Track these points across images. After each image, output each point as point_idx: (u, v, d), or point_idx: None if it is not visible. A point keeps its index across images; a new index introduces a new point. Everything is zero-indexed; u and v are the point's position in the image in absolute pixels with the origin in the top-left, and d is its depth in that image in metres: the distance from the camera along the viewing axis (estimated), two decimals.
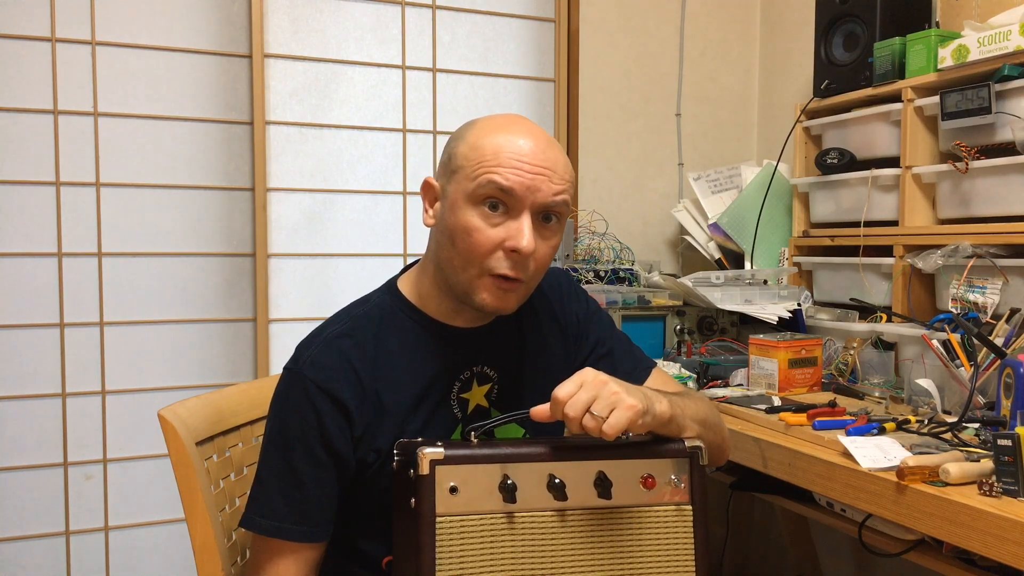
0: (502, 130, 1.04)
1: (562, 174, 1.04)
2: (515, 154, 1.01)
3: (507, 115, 1.09)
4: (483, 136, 1.04)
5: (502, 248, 1.02)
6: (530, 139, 1.03)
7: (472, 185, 1.01)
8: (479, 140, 1.03)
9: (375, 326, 1.09)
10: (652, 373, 1.22)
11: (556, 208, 1.04)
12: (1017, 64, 1.58)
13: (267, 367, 2.16)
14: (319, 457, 1.02)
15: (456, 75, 2.34)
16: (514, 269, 1.03)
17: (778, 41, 2.58)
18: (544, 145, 1.04)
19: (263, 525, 1.03)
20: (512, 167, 1.01)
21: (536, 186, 1.01)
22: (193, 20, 2.09)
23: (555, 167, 1.04)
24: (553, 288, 1.22)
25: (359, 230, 2.24)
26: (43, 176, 1.99)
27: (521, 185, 1.00)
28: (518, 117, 1.09)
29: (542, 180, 1.02)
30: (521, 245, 1.00)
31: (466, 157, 1.03)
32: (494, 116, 1.09)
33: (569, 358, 1.20)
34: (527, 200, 1.01)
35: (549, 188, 1.02)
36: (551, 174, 1.03)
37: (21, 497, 2.00)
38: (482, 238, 1.01)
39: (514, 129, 1.04)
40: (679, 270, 2.56)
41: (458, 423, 1.11)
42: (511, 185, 1.00)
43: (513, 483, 0.92)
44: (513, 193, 1.00)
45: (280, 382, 1.06)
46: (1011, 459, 1.04)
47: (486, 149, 1.02)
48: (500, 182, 1.00)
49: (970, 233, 1.64)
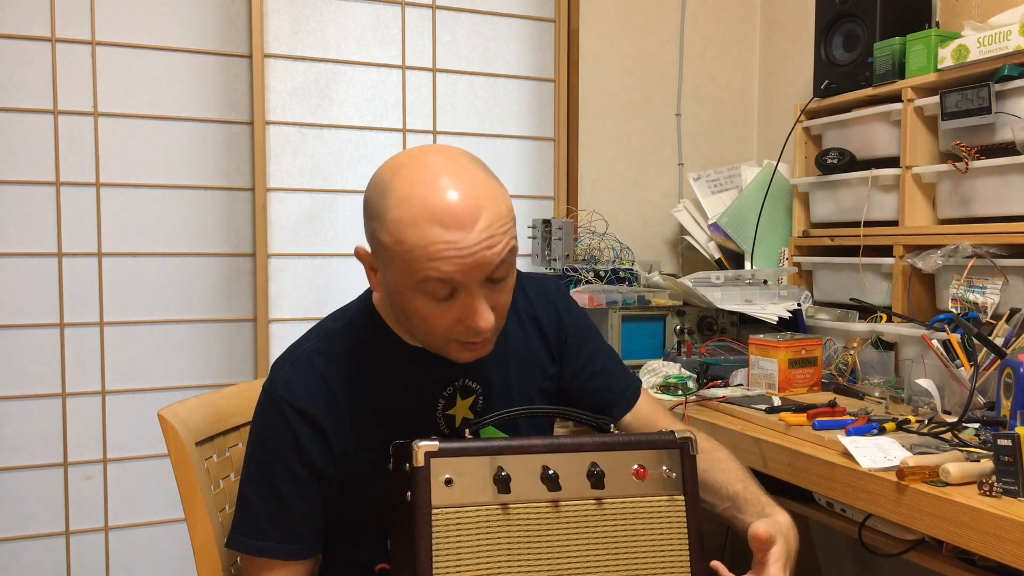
0: (420, 207, 0.90)
1: (501, 231, 0.93)
2: (446, 243, 0.89)
3: (422, 171, 0.93)
4: (404, 224, 0.90)
5: (461, 323, 0.96)
6: (456, 210, 0.90)
7: (412, 280, 0.93)
8: (401, 232, 0.90)
9: (350, 343, 1.06)
10: (641, 394, 1.23)
11: (505, 265, 0.95)
12: (1017, 64, 1.58)
13: (267, 367, 2.16)
14: (300, 476, 1.01)
15: (456, 75, 2.34)
16: (478, 335, 0.98)
17: (778, 41, 2.58)
18: (472, 209, 0.91)
19: (250, 545, 1.02)
20: (446, 258, 0.90)
21: (479, 263, 0.92)
22: (193, 20, 2.09)
23: (491, 229, 0.92)
24: (540, 296, 1.19)
25: (359, 230, 2.21)
26: (43, 176, 1.99)
27: (463, 270, 0.91)
28: (434, 172, 0.92)
29: (483, 254, 0.91)
30: (479, 325, 0.95)
31: (393, 251, 0.92)
32: (406, 176, 0.93)
33: (555, 366, 1.19)
34: (474, 280, 0.93)
35: (492, 260, 0.92)
36: (490, 241, 0.92)
37: (21, 497, 2.00)
38: (438, 322, 0.96)
39: (435, 200, 0.90)
40: (679, 270, 2.56)
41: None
42: (451, 276, 0.91)
43: (507, 475, 0.93)
44: (455, 279, 0.92)
45: (258, 402, 1.05)
46: (1011, 459, 1.04)
47: (411, 243, 0.90)
48: (440, 276, 0.91)
49: (970, 233, 1.64)
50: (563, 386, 1.20)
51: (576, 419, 1.11)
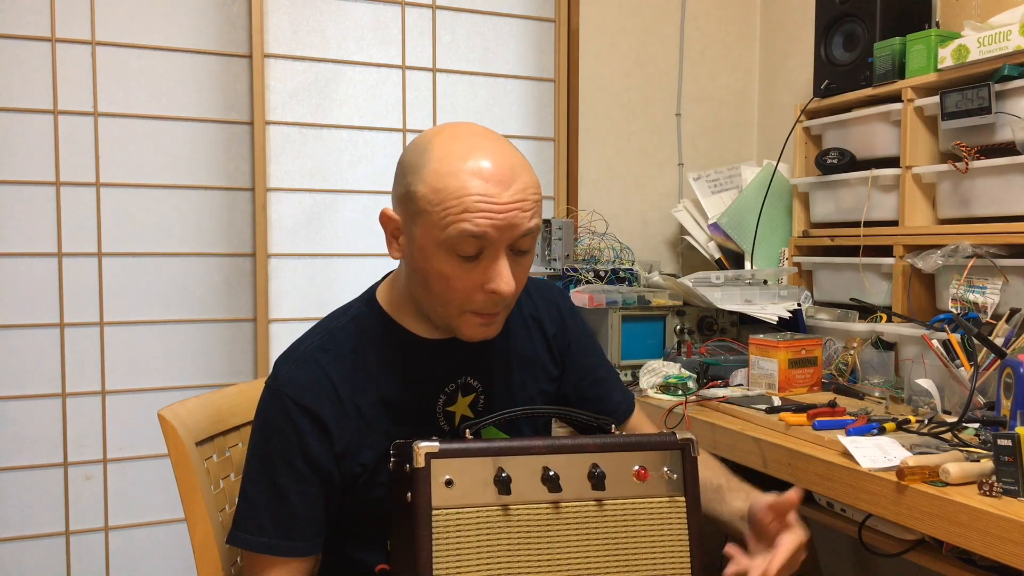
0: (461, 161, 0.94)
1: (533, 198, 0.97)
2: (483, 196, 0.93)
3: (462, 133, 0.98)
4: (443, 174, 0.94)
5: (481, 290, 0.98)
6: (494, 169, 0.94)
7: (442, 235, 0.94)
8: (440, 180, 0.94)
9: (353, 340, 1.06)
10: (636, 409, 1.25)
11: (531, 237, 0.98)
12: (1017, 64, 1.58)
13: (267, 367, 2.16)
14: (302, 472, 1.01)
15: (456, 75, 2.34)
16: (495, 306, 1.00)
17: (778, 41, 2.58)
18: (509, 171, 0.95)
19: (251, 542, 1.02)
20: (482, 211, 0.93)
21: (510, 224, 0.94)
22: (193, 20, 2.09)
23: (525, 194, 0.96)
24: (544, 298, 1.20)
25: (359, 230, 2.24)
26: (43, 176, 1.99)
27: (495, 228, 0.94)
28: (475, 134, 0.98)
29: (515, 216, 0.95)
30: (502, 289, 0.96)
31: (428, 200, 0.94)
32: (448, 136, 0.98)
33: (556, 368, 1.19)
34: (502, 241, 0.95)
35: (523, 224, 0.96)
36: (523, 204, 0.95)
37: (21, 497, 2.00)
38: (459, 284, 0.97)
39: (475, 157, 0.94)
40: (679, 270, 2.56)
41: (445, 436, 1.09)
42: (484, 231, 0.93)
43: (508, 476, 0.93)
44: (487, 237, 0.94)
45: (260, 399, 1.05)
46: (1011, 459, 1.04)
47: (448, 191, 0.93)
48: (472, 230, 0.93)
49: (970, 233, 1.64)
50: (563, 390, 1.20)
51: (577, 420, 1.11)
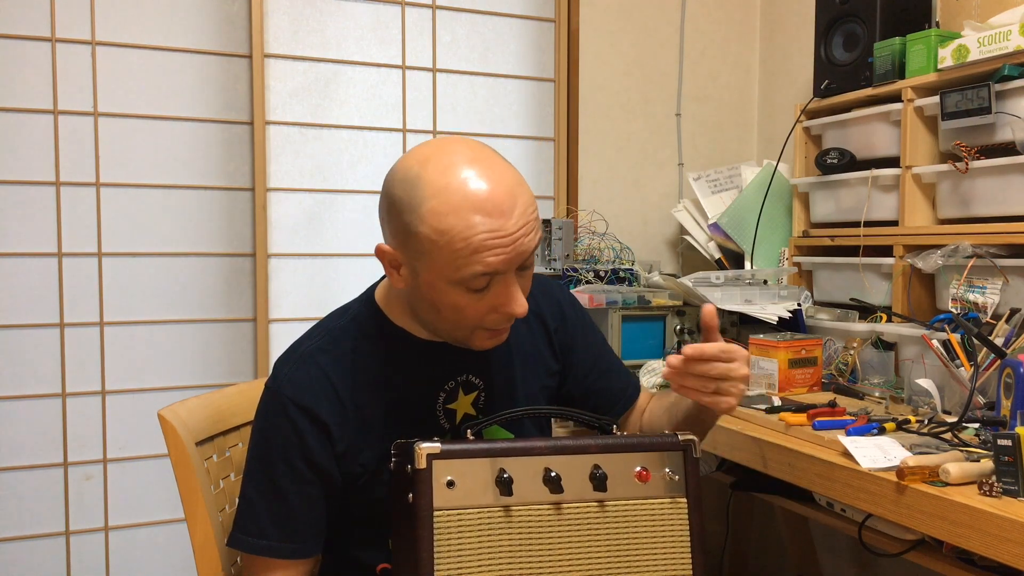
0: (459, 195, 0.90)
1: (533, 217, 0.95)
2: (490, 232, 0.91)
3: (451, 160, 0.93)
4: (444, 213, 0.90)
5: (494, 311, 0.98)
6: (494, 197, 0.91)
7: (454, 276, 0.93)
8: (442, 221, 0.90)
9: (353, 340, 1.06)
10: (641, 391, 1.27)
11: (534, 252, 0.98)
12: (1017, 64, 1.58)
13: (267, 367, 2.16)
14: (302, 473, 1.01)
15: (456, 75, 2.34)
16: (507, 322, 1.01)
17: (778, 41, 2.58)
18: (508, 196, 0.92)
19: (251, 544, 1.02)
20: (490, 249, 0.91)
21: (519, 250, 0.94)
22: (193, 20, 2.09)
23: (527, 216, 0.94)
24: (545, 294, 1.20)
25: (359, 230, 2.23)
26: (43, 176, 1.99)
27: (506, 260, 0.93)
28: (465, 159, 0.93)
29: (522, 241, 0.93)
30: (517, 312, 0.97)
31: (433, 243, 0.92)
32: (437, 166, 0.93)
33: (558, 363, 1.19)
34: (512, 267, 0.95)
35: (530, 246, 0.95)
36: (527, 228, 0.94)
37: (21, 497, 2.00)
38: (471, 312, 0.98)
39: (472, 187, 0.91)
40: (679, 270, 2.56)
41: (446, 434, 1.09)
42: (496, 266, 0.93)
43: (509, 477, 0.93)
44: (498, 270, 0.94)
45: (261, 400, 1.05)
46: (1011, 459, 1.04)
47: (454, 233, 0.90)
48: (484, 270, 0.92)
49: (970, 233, 1.64)
50: (567, 384, 1.21)
51: (578, 420, 1.11)
